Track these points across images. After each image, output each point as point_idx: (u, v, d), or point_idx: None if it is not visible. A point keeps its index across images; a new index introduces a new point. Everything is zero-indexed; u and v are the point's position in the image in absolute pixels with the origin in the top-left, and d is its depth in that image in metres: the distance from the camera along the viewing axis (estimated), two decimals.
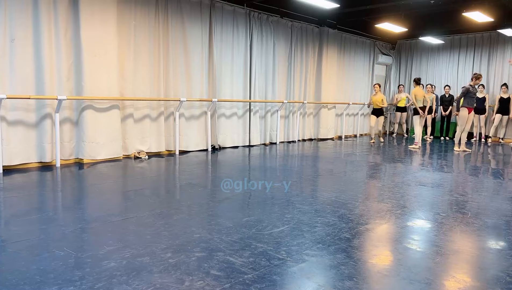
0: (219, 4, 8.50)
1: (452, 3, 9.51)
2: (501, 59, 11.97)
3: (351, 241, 3.09)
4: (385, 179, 5.62)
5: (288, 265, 2.62)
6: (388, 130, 14.25)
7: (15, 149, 5.86)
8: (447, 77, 13.08)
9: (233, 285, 2.31)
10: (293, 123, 10.76)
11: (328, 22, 11.21)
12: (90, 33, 6.41)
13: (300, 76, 10.80)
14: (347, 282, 2.39)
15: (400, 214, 3.86)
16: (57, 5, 6.15)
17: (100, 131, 6.66)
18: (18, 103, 5.88)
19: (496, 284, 2.40)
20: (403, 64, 14.27)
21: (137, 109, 7.40)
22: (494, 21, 10.00)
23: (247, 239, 3.08)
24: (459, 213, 3.93)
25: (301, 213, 3.83)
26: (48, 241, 2.96)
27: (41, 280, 2.33)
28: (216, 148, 8.73)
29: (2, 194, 4.35)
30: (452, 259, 2.79)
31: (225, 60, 8.75)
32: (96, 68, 6.52)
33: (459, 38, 12.75)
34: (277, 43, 9.94)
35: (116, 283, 2.31)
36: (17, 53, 5.80)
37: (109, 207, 3.92)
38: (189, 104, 8.18)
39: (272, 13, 9.70)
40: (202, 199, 4.30)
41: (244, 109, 9.36)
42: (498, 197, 4.72)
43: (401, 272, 2.57)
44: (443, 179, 5.68)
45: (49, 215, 3.63)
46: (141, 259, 2.66)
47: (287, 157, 7.78)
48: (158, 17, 7.50)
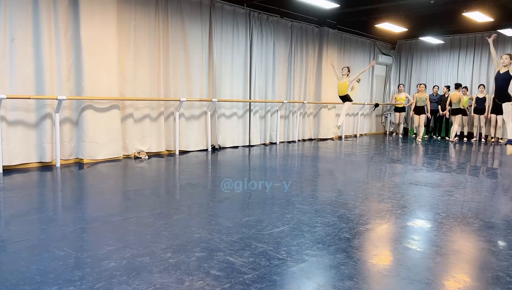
0: (219, 4, 8.50)
1: (452, 3, 9.51)
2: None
3: (351, 241, 3.09)
4: (385, 179, 5.62)
5: (288, 265, 2.62)
6: (388, 130, 14.26)
7: (15, 149, 5.86)
8: (447, 77, 13.09)
9: (233, 285, 2.31)
10: (293, 123, 10.76)
11: (328, 22, 11.21)
12: (90, 33, 6.41)
13: (300, 76, 10.80)
14: (347, 282, 2.39)
15: (400, 214, 3.86)
16: (57, 5, 6.15)
17: (100, 131, 6.65)
18: (18, 103, 5.88)
19: (496, 284, 2.39)
20: (403, 64, 14.27)
21: (137, 109, 7.40)
22: (494, 21, 9.99)
23: (247, 239, 3.08)
24: (459, 213, 3.93)
25: (301, 213, 3.83)
26: (48, 241, 2.96)
27: (41, 280, 2.33)
28: (216, 148, 8.73)
29: (2, 194, 4.35)
30: (452, 259, 2.79)
31: (225, 60, 8.75)
32: (96, 68, 6.52)
33: (459, 38, 12.76)
34: (277, 43, 9.94)
35: (116, 283, 2.31)
36: (17, 53, 5.79)
37: (109, 207, 3.92)
38: (189, 104, 8.17)
39: (272, 13, 9.70)
40: (202, 199, 4.30)
41: (244, 109, 9.36)
42: (498, 197, 4.72)
43: (401, 272, 2.56)
44: (443, 179, 5.67)
45: (49, 215, 3.63)
46: (141, 259, 2.66)
47: (287, 157, 7.78)
48: (158, 17, 7.50)
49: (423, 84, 12.15)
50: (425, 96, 11.97)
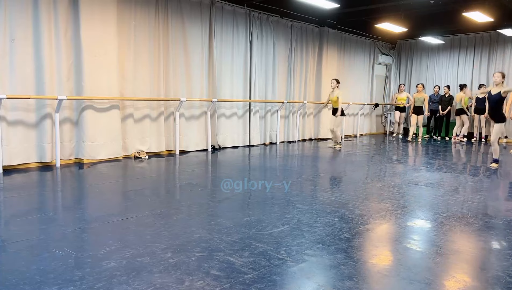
0: (219, 4, 8.50)
1: (452, 3, 9.50)
2: (501, 59, 11.97)
3: (351, 241, 3.09)
4: (385, 179, 5.62)
5: (288, 265, 2.62)
6: (388, 130, 14.26)
7: (15, 149, 5.86)
8: (447, 77, 13.09)
9: (233, 285, 2.31)
10: (293, 123, 10.76)
11: (328, 22, 11.20)
12: (90, 33, 6.41)
13: (300, 76, 10.80)
14: (347, 282, 2.39)
15: (400, 214, 3.86)
16: (57, 5, 6.15)
17: (100, 131, 6.65)
18: (18, 103, 5.88)
19: (496, 284, 2.39)
20: (403, 64, 14.27)
21: (137, 109, 7.39)
22: (494, 21, 9.99)
23: (247, 239, 3.08)
24: (459, 213, 3.93)
25: (301, 213, 3.83)
26: (48, 241, 2.96)
27: (41, 280, 2.33)
28: (216, 148, 8.72)
29: (2, 194, 4.35)
30: (452, 259, 2.79)
31: (225, 60, 8.74)
32: (96, 68, 6.52)
33: (459, 38, 12.75)
34: (277, 43, 9.93)
35: (116, 283, 2.31)
36: (17, 53, 5.79)
37: (109, 207, 3.92)
38: (189, 104, 8.17)
39: (272, 13, 9.70)
40: (202, 199, 4.30)
41: (244, 109, 9.36)
42: (498, 197, 4.72)
43: (401, 272, 2.57)
44: (443, 179, 5.67)
45: (49, 215, 3.63)
46: (141, 259, 2.66)
47: (287, 157, 7.78)
48: (158, 17, 7.49)
49: (421, 84, 12.12)
50: (423, 96, 11.94)
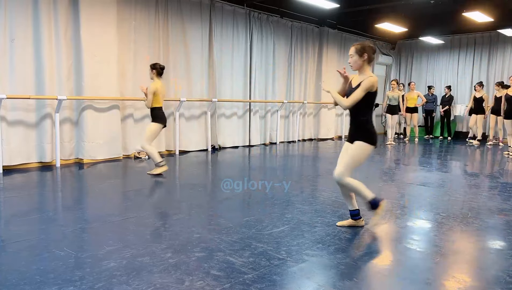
0: (219, 4, 8.50)
1: (452, 3, 9.49)
2: (501, 59, 11.97)
3: (351, 241, 3.09)
4: (385, 179, 5.62)
5: (288, 265, 2.62)
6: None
7: (15, 149, 5.86)
8: (447, 77, 13.08)
9: (233, 285, 2.31)
10: (293, 123, 10.76)
11: (328, 22, 11.20)
12: (90, 33, 6.41)
13: (300, 76, 10.80)
14: (347, 282, 2.39)
15: (400, 214, 3.86)
16: (57, 5, 6.15)
17: (100, 131, 6.65)
18: (18, 103, 5.88)
19: (496, 284, 2.39)
20: (403, 64, 14.27)
21: (137, 109, 7.39)
22: (494, 21, 9.99)
23: (247, 239, 3.08)
24: (459, 213, 3.93)
25: (301, 213, 3.83)
26: (48, 241, 2.96)
27: (41, 280, 2.33)
28: (216, 148, 8.72)
29: (2, 194, 4.35)
30: (452, 259, 2.79)
31: (225, 60, 8.74)
32: (96, 68, 6.52)
33: (459, 38, 12.75)
34: (277, 43, 9.93)
35: (116, 283, 2.31)
36: (17, 53, 5.79)
37: (109, 207, 3.92)
38: (189, 104, 8.17)
39: (272, 13, 9.69)
40: (202, 199, 4.30)
41: (244, 109, 9.36)
42: (498, 197, 4.71)
43: (401, 272, 2.57)
44: (443, 179, 5.67)
45: (49, 215, 3.63)
46: (141, 259, 2.66)
47: (287, 157, 7.78)
48: (158, 18, 7.49)
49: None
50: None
